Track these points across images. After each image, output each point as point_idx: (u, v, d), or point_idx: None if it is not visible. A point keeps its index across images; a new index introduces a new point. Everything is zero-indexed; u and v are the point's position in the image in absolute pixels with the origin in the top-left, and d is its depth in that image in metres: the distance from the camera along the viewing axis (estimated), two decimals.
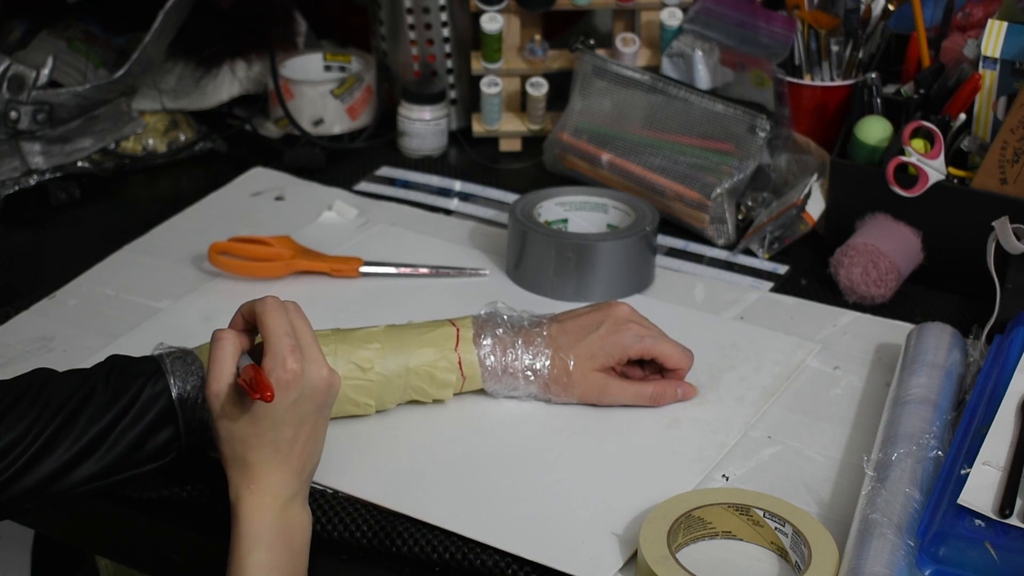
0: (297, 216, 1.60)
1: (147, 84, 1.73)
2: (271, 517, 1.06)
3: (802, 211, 1.51)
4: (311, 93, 1.76)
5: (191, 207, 1.62)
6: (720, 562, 1.11)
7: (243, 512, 1.06)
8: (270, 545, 1.05)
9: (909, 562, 1.05)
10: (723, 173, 1.55)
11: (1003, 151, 1.41)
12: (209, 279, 1.47)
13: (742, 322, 1.41)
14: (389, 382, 1.23)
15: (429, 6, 1.77)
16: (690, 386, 1.29)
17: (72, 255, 1.52)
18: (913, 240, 1.45)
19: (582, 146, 1.65)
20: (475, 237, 1.56)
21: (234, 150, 1.77)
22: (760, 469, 1.21)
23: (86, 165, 1.68)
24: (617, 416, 1.27)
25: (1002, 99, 1.46)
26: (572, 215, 1.51)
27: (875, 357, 1.36)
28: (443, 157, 1.77)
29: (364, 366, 1.22)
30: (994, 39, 1.45)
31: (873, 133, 1.49)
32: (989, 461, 1.12)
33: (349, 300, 1.44)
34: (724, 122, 1.57)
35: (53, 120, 1.61)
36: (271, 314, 1.09)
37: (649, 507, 1.13)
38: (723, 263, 1.53)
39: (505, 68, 1.76)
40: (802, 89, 1.62)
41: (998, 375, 1.22)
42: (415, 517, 1.14)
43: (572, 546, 1.11)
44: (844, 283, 1.44)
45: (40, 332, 1.38)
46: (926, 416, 1.18)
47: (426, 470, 1.20)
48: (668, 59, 1.69)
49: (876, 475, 1.12)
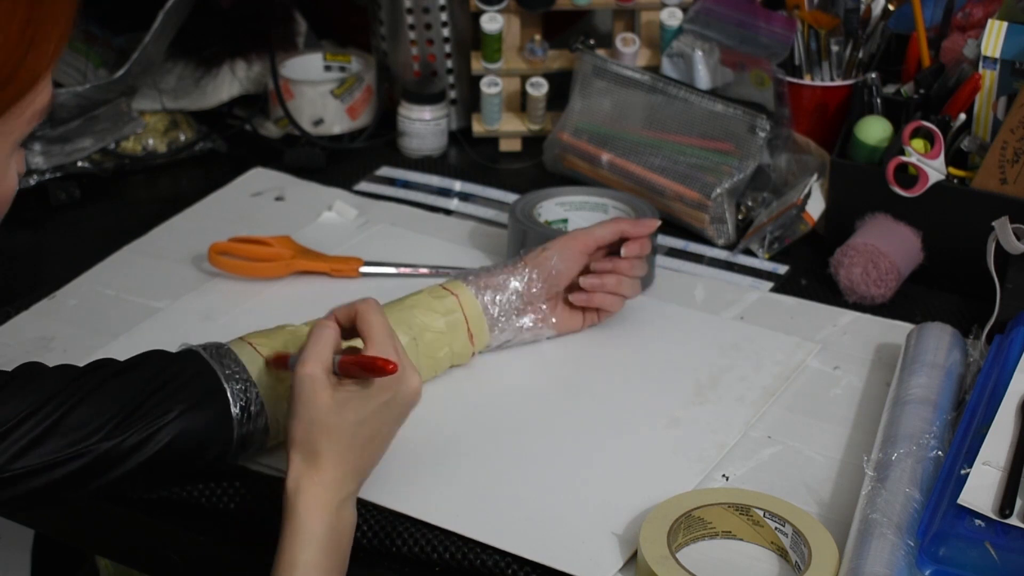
0: (297, 216, 1.60)
1: (147, 84, 1.73)
2: (327, 515, 1.04)
3: (802, 211, 1.51)
4: (311, 93, 1.76)
5: (191, 207, 1.62)
6: (720, 562, 1.11)
7: (302, 506, 1.04)
8: (323, 546, 1.03)
9: (909, 562, 1.05)
10: (723, 173, 1.55)
11: (1003, 151, 1.41)
12: (209, 279, 1.47)
13: (742, 322, 1.41)
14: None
15: (429, 6, 1.77)
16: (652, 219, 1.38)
17: (72, 255, 1.52)
18: (913, 240, 1.45)
19: (582, 146, 1.65)
20: (475, 237, 1.56)
21: (234, 150, 1.77)
22: (760, 469, 1.21)
23: (86, 165, 1.68)
24: (617, 416, 1.27)
25: (1002, 99, 1.46)
26: (572, 215, 1.51)
27: (875, 357, 1.36)
28: (443, 157, 1.77)
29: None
30: (994, 39, 1.45)
31: (873, 133, 1.49)
32: (989, 461, 1.12)
33: (349, 300, 1.43)
34: (724, 122, 1.57)
35: (53, 120, 1.61)
36: (377, 314, 1.10)
37: (649, 507, 1.13)
38: (723, 263, 1.53)
39: (505, 68, 1.76)
40: (802, 89, 1.62)
41: (998, 375, 1.22)
42: (415, 517, 1.14)
43: (572, 546, 1.11)
44: (844, 283, 1.44)
45: (40, 332, 1.38)
46: (926, 416, 1.18)
47: (426, 470, 1.20)
48: (668, 59, 1.69)
49: (876, 475, 1.12)
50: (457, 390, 1.30)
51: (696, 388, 1.31)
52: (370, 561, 1.13)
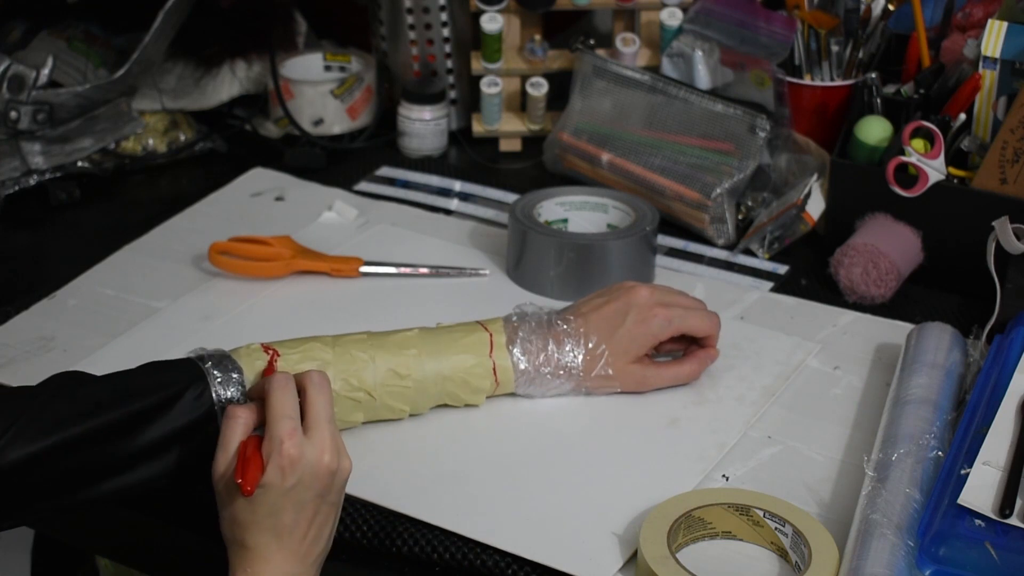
0: (297, 216, 1.60)
1: (147, 84, 1.73)
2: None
3: (802, 211, 1.51)
4: (311, 93, 1.76)
5: (191, 207, 1.62)
6: (720, 562, 1.11)
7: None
8: None
9: (909, 562, 1.05)
10: (723, 173, 1.55)
11: (1003, 151, 1.41)
12: (209, 279, 1.47)
13: (742, 322, 1.41)
14: (425, 388, 1.23)
15: (429, 6, 1.77)
16: (715, 351, 1.31)
17: (72, 255, 1.52)
18: (913, 240, 1.45)
19: (582, 146, 1.65)
20: (475, 237, 1.56)
21: (234, 150, 1.77)
22: (760, 469, 1.21)
23: (86, 165, 1.68)
24: (617, 416, 1.27)
25: (1002, 99, 1.46)
26: (572, 215, 1.51)
27: (875, 357, 1.36)
28: (443, 157, 1.77)
29: (402, 372, 1.21)
30: (994, 39, 1.45)
31: (873, 133, 1.49)
32: (989, 461, 1.12)
33: (349, 300, 1.44)
34: (724, 122, 1.57)
35: (53, 120, 1.61)
36: (275, 393, 1.06)
37: (649, 507, 1.13)
38: (723, 263, 1.53)
39: (505, 68, 1.76)
40: (802, 89, 1.62)
41: (998, 375, 1.22)
42: (415, 517, 1.14)
43: (572, 546, 1.11)
44: (844, 283, 1.44)
45: (40, 332, 1.38)
46: (926, 416, 1.18)
47: (426, 470, 1.20)
48: (668, 59, 1.69)
49: (876, 475, 1.12)
50: None
51: (696, 388, 1.31)
52: (370, 561, 1.13)
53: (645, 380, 1.28)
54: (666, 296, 1.30)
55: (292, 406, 1.05)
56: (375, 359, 1.20)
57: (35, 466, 1.04)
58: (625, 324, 1.27)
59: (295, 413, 1.05)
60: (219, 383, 1.11)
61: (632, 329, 1.27)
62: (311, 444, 1.04)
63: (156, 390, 1.09)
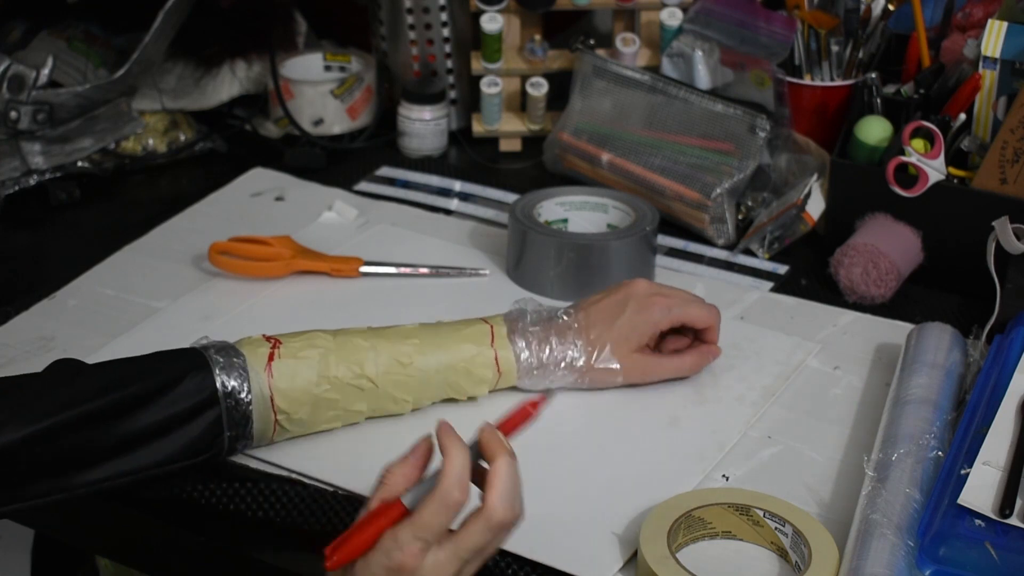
0: (297, 216, 1.60)
1: (147, 84, 1.73)
2: None
3: (802, 211, 1.51)
4: (311, 93, 1.76)
5: (191, 207, 1.62)
6: (720, 562, 1.11)
7: None
8: None
9: (909, 562, 1.05)
10: (723, 173, 1.55)
11: (1003, 151, 1.41)
12: (209, 279, 1.47)
13: (742, 322, 1.41)
14: (428, 379, 1.23)
15: (429, 6, 1.77)
16: (717, 348, 1.31)
17: (72, 255, 1.52)
18: (913, 240, 1.45)
19: (582, 146, 1.65)
20: (475, 237, 1.56)
21: (234, 150, 1.77)
22: (760, 469, 1.21)
23: (86, 165, 1.68)
24: (617, 416, 1.27)
25: (1002, 99, 1.46)
26: (572, 215, 1.51)
27: (875, 357, 1.36)
28: (443, 157, 1.77)
29: (404, 361, 1.21)
30: (994, 39, 1.45)
31: (873, 133, 1.49)
32: (989, 461, 1.12)
33: (349, 300, 1.44)
34: (724, 122, 1.57)
35: (53, 120, 1.61)
36: (506, 469, 0.96)
37: (649, 507, 1.13)
38: (723, 263, 1.53)
39: (505, 68, 1.76)
40: (802, 89, 1.62)
41: (998, 375, 1.22)
42: None
43: (572, 546, 1.11)
44: (844, 283, 1.44)
45: (40, 332, 1.38)
46: (926, 416, 1.18)
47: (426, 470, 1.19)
48: (668, 59, 1.69)
49: (876, 475, 1.12)
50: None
51: (696, 388, 1.31)
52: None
53: (647, 370, 1.28)
54: (664, 287, 1.32)
55: (448, 517, 0.94)
56: (377, 347, 1.21)
57: (30, 447, 1.04)
58: (625, 313, 1.28)
59: (444, 527, 0.94)
60: (221, 368, 1.12)
61: (632, 317, 1.27)
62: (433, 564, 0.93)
63: (155, 375, 1.10)
